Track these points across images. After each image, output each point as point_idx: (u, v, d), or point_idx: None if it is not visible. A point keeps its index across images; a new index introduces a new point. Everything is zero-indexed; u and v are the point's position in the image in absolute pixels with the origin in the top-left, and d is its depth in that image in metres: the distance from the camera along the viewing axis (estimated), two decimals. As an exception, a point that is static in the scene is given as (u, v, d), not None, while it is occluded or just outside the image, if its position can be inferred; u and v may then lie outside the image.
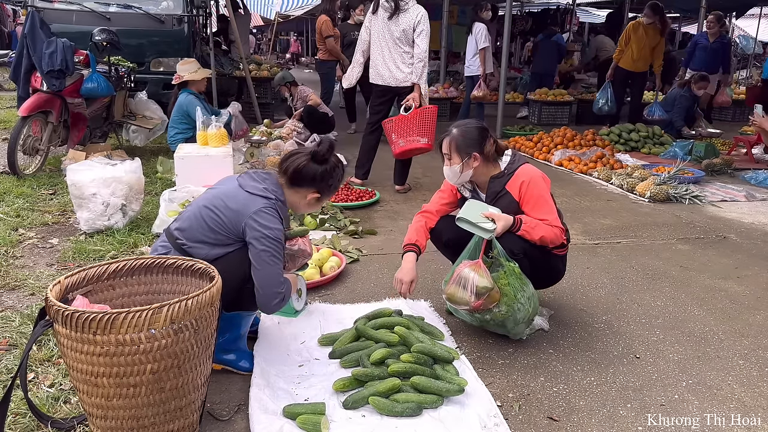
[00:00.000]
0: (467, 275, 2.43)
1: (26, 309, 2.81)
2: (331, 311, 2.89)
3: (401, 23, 4.83)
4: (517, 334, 2.61)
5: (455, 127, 2.70)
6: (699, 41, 8.71)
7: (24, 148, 5.06)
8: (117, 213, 3.84)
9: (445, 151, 2.67)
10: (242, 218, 2.13)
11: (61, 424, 1.95)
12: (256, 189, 2.20)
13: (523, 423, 2.11)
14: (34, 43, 5.08)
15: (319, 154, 2.27)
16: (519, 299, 2.45)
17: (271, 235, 2.14)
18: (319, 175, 2.28)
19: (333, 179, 2.32)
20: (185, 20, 6.86)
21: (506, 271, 2.46)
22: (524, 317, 2.51)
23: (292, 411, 2.03)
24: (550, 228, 2.54)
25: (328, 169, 2.29)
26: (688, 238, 4.26)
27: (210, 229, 2.17)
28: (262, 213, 2.14)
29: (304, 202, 2.33)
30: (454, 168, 2.66)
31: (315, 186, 2.30)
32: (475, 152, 2.61)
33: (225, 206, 2.17)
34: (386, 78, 4.99)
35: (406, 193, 5.27)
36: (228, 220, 2.16)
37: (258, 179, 2.25)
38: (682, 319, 2.96)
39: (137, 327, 1.64)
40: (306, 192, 2.31)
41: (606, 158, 6.46)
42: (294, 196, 2.32)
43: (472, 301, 2.41)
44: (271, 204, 2.18)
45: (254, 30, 17.99)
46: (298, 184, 2.29)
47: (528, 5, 16.65)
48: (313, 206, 2.39)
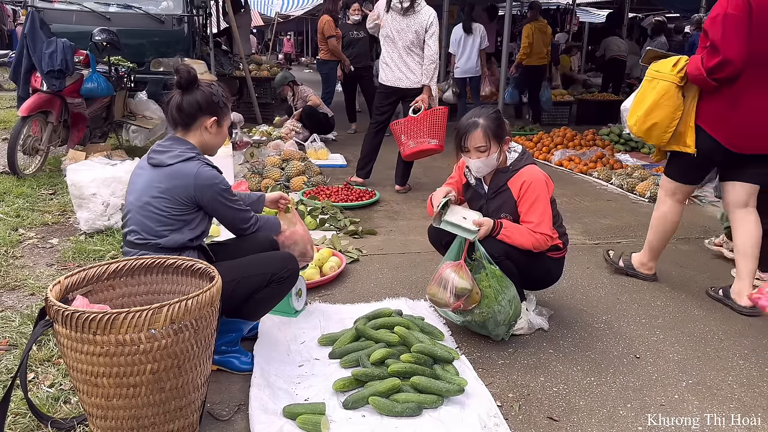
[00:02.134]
0: (448, 276, 2.46)
1: (26, 309, 2.81)
2: (331, 311, 2.89)
3: (413, 24, 4.81)
4: (498, 336, 2.61)
5: (478, 118, 2.58)
6: (696, 41, 8.70)
7: (24, 148, 5.06)
8: (117, 213, 3.84)
9: (482, 143, 2.55)
10: (189, 187, 2.16)
11: (61, 424, 1.95)
12: (176, 158, 2.19)
13: (523, 423, 2.11)
14: (34, 43, 5.07)
15: (183, 82, 2.23)
16: (500, 301, 2.46)
17: (222, 184, 2.22)
18: (200, 100, 2.24)
19: (215, 95, 2.27)
20: (185, 20, 6.86)
21: (488, 273, 2.47)
22: (505, 319, 2.52)
23: (292, 411, 2.03)
24: (530, 234, 2.53)
25: (204, 90, 2.25)
26: (688, 238, 4.26)
27: (167, 216, 2.18)
28: (200, 173, 2.17)
29: (208, 135, 2.29)
30: (491, 158, 2.58)
31: (204, 113, 2.25)
32: (507, 136, 2.62)
33: (165, 189, 2.17)
34: (396, 79, 4.98)
35: (406, 193, 5.27)
36: (179, 197, 2.16)
37: (166, 149, 2.23)
38: (682, 319, 2.96)
39: (137, 327, 1.64)
40: (202, 124, 2.26)
41: (606, 158, 6.46)
42: (197, 136, 2.28)
43: (451, 301, 2.43)
44: (199, 160, 2.22)
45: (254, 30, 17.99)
46: (191, 121, 2.26)
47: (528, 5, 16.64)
48: (220, 134, 2.34)
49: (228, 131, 2.45)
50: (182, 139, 2.27)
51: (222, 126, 2.33)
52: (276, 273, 2.29)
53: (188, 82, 2.24)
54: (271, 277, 2.28)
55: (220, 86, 2.35)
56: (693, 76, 2.89)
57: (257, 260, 2.33)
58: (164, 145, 2.26)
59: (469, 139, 2.58)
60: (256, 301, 2.29)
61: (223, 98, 2.30)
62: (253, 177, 5.21)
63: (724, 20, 2.75)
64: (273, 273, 2.29)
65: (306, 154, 6.08)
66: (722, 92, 2.86)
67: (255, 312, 2.36)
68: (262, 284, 2.27)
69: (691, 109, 2.96)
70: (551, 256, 2.67)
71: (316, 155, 6.28)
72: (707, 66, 2.81)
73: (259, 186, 5.04)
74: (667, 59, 3.03)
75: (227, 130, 2.38)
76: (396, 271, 3.47)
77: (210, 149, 2.36)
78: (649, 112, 3.00)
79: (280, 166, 5.39)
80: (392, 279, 3.36)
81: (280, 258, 2.38)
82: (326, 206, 4.41)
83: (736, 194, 3.06)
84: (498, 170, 2.68)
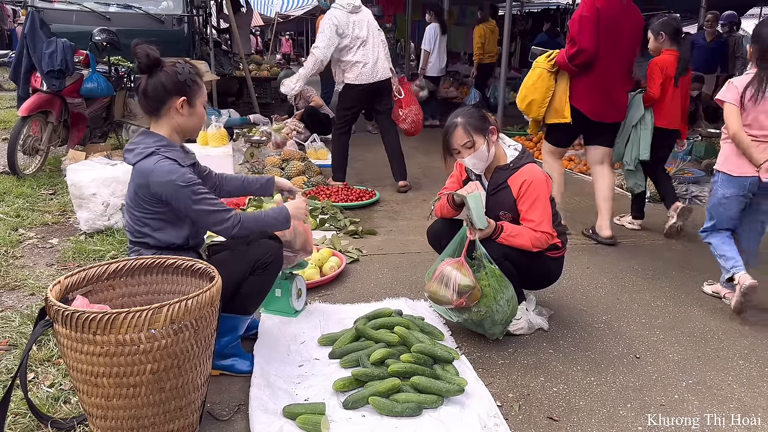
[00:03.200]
0: (450, 273, 2.45)
1: (26, 309, 2.81)
2: (331, 311, 2.89)
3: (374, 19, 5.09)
4: (494, 335, 2.61)
5: (456, 117, 2.63)
6: (696, 41, 8.71)
7: (24, 148, 5.06)
8: (117, 213, 3.84)
9: (465, 140, 2.58)
10: (149, 185, 2.08)
11: (61, 424, 1.95)
12: (138, 155, 2.12)
13: (523, 423, 2.11)
14: (34, 43, 5.07)
15: (143, 66, 2.12)
16: (498, 301, 2.46)
17: (180, 180, 2.06)
18: (164, 81, 2.12)
19: (180, 74, 2.14)
20: (185, 20, 6.86)
21: (487, 272, 2.47)
22: (502, 319, 2.52)
23: (292, 411, 2.03)
24: (532, 234, 2.54)
25: (167, 70, 2.13)
26: (688, 238, 4.26)
27: (144, 215, 2.16)
28: (156, 168, 2.06)
29: (181, 117, 2.17)
30: (482, 150, 2.60)
31: (170, 94, 2.14)
32: (491, 126, 2.62)
33: (134, 188, 2.14)
34: (381, 73, 5.04)
35: (406, 193, 5.27)
36: (145, 195, 2.12)
37: (133, 146, 2.16)
38: (682, 319, 2.96)
39: (137, 327, 1.64)
40: (171, 106, 2.15)
41: (606, 158, 6.45)
42: (170, 120, 2.17)
43: (454, 299, 2.42)
44: (159, 154, 2.09)
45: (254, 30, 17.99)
46: (160, 106, 2.15)
47: (528, 5, 16.64)
48: (195, 114, 2.20)
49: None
50: (151, 133, 2.18)
51: (195, 105, 2.19)
52: (259, 260, 2.23)
53: (148, 65, 2.12)
54: (254, 265, 2.23)
55: (187, 63, 2.20)
56: (560, 63, 3.83)
57: (238, 251, 2.27)
58: (133, 142, 2.18)
59: (453, 139, 2.61)
60: (244, 292, 2.25)
61: (190, 76, 2.16)
62: (253, 177, 5.21)
63: (580, 20, 3.74)
64: (255, 260, 2.22)
65: (306, 154, 6.08)
66: (584, 76, 3.81)
67: (246, 305, 2.30)
68: (246, 274, 2.22)
69: (566, 90, 3.87)
70: (550, 255, 2.67)
71: (316, 155, 6.28)
72: (568, 54, 3.76)
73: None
74: (546, 53, 3.94)
75: (202, 109, 2.23)
76: (396, 271, 3.47)
77: (187, 132, 2.25)
78: (528, 92, 3.95)
79: (280, 166, 5.39)
80: (392, 279, 3.36)
81: (262, 245, 2.29)
82: (326, 206, 4.41)
83: (596, 155, 4.12)
84: (498, 167, 2.68)
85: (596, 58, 3.73)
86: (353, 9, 4.92)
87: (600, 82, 3.80)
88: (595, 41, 3.69)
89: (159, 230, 2.18)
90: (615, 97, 3.91)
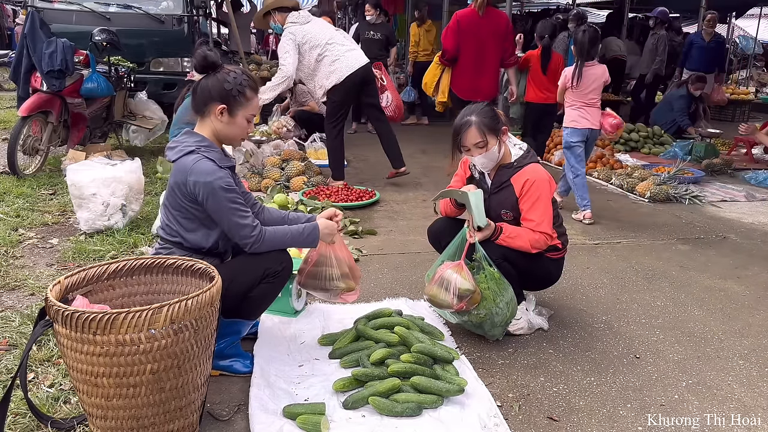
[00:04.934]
0: (450, 277, 2.43)
1: (26, 309, 2.81)
2: (331, 311, 2.89)
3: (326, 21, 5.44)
4: (494, 336, 2.61)
5: (470, 115, 2.59)
6: (695, 41, 8.71)
7: (24, 148, 5.05)
8: (117, 213, 3.84)
9: (478, 139, 2.56)
10: (187, 183, 2.11)
11: (61, 424, 1.95)
12: (177, 153, 2.16)
13: (523, 423, 2.11)
14: (34, 43, 5.07)
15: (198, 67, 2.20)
16: (498, 303, 2.46)
17: (220, 183, 2.10)
18: (211, 86, 2.18)
19: (227, 83, 2.18)
20: (185, 20, 6.86)
21: (486, 275, 2.46)
22: (502, 321, 2.52)
23: (292, 411, 2.03)
24: (531, 235, 2.53)
25: (219, 76, 2.19)
26: (688, 238, 4.26)
27: (183, 216, 2.19)
28: (195, 170, 2.10)
29: (219, 124, 2.21)
30: (492, 152, 2.59)
31: (213, 99, 2.18)
32: (503, 126, 2.62)
33: (172, 185, 2.18)
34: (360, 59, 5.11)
35: (404, 174, 5.38)
36: (184, 195, 2.15)
37: (175, 144, 2.21)
38: (682, 319, 2.96)
39: (137, 327, 1.64)
40: (212, 110, 2.19)
41: (606, 158, 6.46)
42: (210, 124, 2.22)
43: (454, 303, 2.41)
44: (197, 156, 2.12)
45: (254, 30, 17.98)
46: (203, 107, 2.21)
47: (528, 5, 16.63)
48: (234, 123, 2.22)
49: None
50: (194, 133, 2.24)
51: (235, 116, 2.21)
52: (269, 267, 2.24)
53: (203, 67, 2.21)
54: (265, 272, 2.24)
55: (245, 74, 2.23)
56: (439, 59, 5.57)
57: (250, 257, 2.26)
58: (176, 140, 2.24)
59: (465, 137, 2.58)
60: (252, 298, 2.26)
61: (238, 87, 2.19)
62: (253, 177, 5.21)
63: (447, 29, 5.47)
64: (266, 268, 2.24)
65: (306, 154, 6.08)
66: (455, 68, 5.46)
67: (252, 310, 2.33)
68: (256, 281, 2.23)
69: (447, 78, 5.55)
70: (550, 256, 2.67)
71: (316, 155, 6.27)
72: (441, 53, 5.52)
73: (259, 186, 5.04)
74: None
75: (244, 121, 2.25)
76: (396, 271, 3.47)
77: (225, 140, 2.29)
78: (426, 78, 5.79)
79: (280, 166, 5.39)
80: (392, 279, 3.36)
81: (274, 253, 2.30)
82: (326, 206, 4.41)
83: None
84: (502, 166, 2.67)
85: (460, 55, 5.33)
86: (305, 19, 4.98)
87: (466, 72, 5.40)
88: (455, 45, 5.29)
89: (190, 231, 2.21)
90: (478, 82, 5.39)
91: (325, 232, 2.36)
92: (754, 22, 16.08)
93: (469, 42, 5.22)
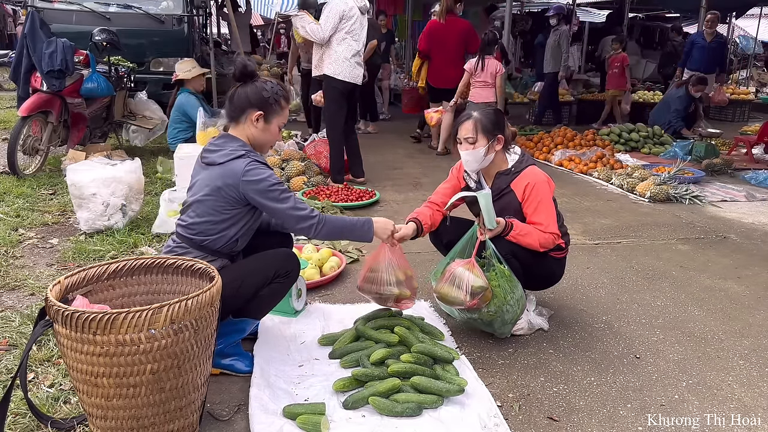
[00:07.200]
0: (462, 274, 2.42)
1: (26, 309, 2.81)
2: (331, 311, 2.89)
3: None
4: (503, 334, 2.62)
5: (474, 111, 2.65)
6: (696, 41, 8.70)
7: (24, 148, 5.06)
8: (117, 213, 3.84)
9: (469, 134, 2.59)
10: (238, 186, 2.18)
11: (61, 424, 1.95)
12: (227, 156, 2.22)
13: (523, 423, 2.11)
14: (34, 43, 5.07)
15: (237, 74, 2.28)
16: (508, 301, 2.46)
17: (269, 185, 2.19)
18: (250, 92, 2.26)
19: (266, 91, 2.27)
20: (185, 20, 6.86)
21: (497, 272, 2.46)
22: (512, 318, 2.53)
23: (292, 411, 2.03)
24: (540, 234, 2.54)
25: (257, 84, 2.27)
26: (688, 238, 4.26)
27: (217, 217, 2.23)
28: (248, 171, 2.18)
29: (255, 130, 2.29)
30: (478, 151, 2.60)
31: (252, 106, 2.26)
32: (500, 134, 2.62)
33: (216, 188, 2.20)
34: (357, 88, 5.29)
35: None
36: (228, 196, 2.19)
37: (218, 147, 2.26)
38: (682, 319, 2.96)
39: (137, 327, 1.64)
40: (249, 117, 2.27)
41: (606, 158, 6.46)
42: (245, 129, 2.30)
43: (467, 300, 2.40)
44: (248, 159, 2.20)
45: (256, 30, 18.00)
46: (239, 114, 2.28)
47: (528, 5, 16.64)
48: (268, 131, 2.32)
49: None
50: (233, 137, 2.30)
51: (270, 123, 2.30)
52: (279, 269, 2.31)
53: (242, 74, 2.28)
54: (275, 273, 2.29)
55: (279, 85, 2.33)
56: (419, 54, 7.15)
57: (259, 258, 2.34)
58: (216, 143, 2.29)
59: (460, 128, 2.63)
60: (261, 298, 2.30)
61: (275, 96, 2.28)
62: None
63: (423, 33, 7.06)
64: (276, 269, 2.30)
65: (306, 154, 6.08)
66: (429, 62, 7.01)
67: (260, 310, 2.38)
68: (266, 281, 2.28)
69: (425, 70, 7.11)
70: (554, 256, 2.67)
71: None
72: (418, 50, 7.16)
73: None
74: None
75: (276, 129, 2.34)
76: (396, 271, 3.46)
77: (259, 146, 2.35)
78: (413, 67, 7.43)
79: (280, 166, 5.39)
80: (392, 279, 3.35)
81: (282, 254, 2.39)
82: (326, 206, 4.41)
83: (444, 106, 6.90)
84: (500, 172, 2.68)
85: (431, 52, 6.91)
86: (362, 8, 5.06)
87: (436, 66, 6.94)
88: (427, 45, 6.92)
89: (220, 232, 2.25)
90: (445, 74, 6.85)
91: (380, 227, 2.45)
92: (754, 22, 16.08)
93: (437, 43, 6.83)
